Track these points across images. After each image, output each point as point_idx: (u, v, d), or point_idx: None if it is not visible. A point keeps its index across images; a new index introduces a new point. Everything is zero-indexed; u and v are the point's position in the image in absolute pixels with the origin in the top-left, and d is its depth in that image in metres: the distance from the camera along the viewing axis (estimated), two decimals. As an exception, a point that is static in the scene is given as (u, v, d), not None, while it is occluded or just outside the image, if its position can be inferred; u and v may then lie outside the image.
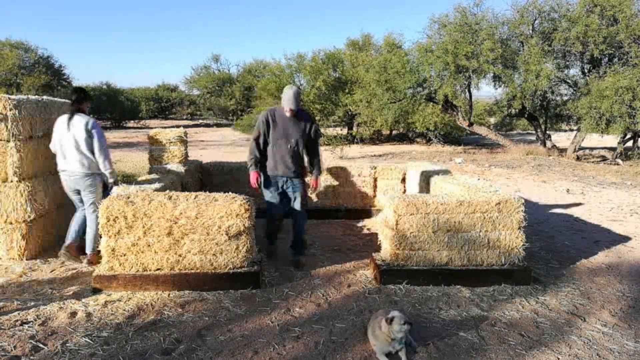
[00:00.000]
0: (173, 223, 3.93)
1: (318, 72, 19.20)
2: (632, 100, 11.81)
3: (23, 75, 23.78)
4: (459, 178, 5.35)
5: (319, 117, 20.56)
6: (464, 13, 14.59)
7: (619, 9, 12.64)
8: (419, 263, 4.19)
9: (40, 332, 3.28)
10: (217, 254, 4.01)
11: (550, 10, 14.12)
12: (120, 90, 31.81)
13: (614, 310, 3.82)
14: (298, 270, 4.54)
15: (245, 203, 3.97)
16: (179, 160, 5.84)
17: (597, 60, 13.97)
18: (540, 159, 13.88)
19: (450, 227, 4.14)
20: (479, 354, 3.12)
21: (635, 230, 6.26)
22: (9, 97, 4.49)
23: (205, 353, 3.07)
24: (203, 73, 32.97)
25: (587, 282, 4.40)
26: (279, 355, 3.06)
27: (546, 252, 5.27)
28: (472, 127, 16.03)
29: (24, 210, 4.61)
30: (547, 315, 3.68)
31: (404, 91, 15.12)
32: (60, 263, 4.63)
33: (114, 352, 3.06)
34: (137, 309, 3.65)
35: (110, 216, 3.89)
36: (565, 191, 9.12)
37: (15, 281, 4.17)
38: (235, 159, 8.69)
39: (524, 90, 13.60)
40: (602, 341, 3.32)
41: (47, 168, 5.08)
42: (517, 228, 4.21)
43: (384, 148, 18.42)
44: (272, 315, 3.60)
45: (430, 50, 14.49)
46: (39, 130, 4.87)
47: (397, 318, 2.97)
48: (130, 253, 3.96)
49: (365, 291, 4.07)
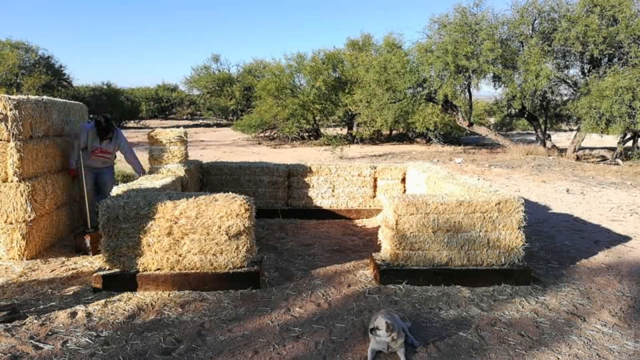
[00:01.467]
0: (173, 223, 3.93)
1: (318, 72, 19.20)
2: (632, 100, 11.81)
3: (23, 75, 23.77)
4: (459, 178, 5.35)
5: (319, 117, 20.58)
6: (464, 13, 14.59)
7: (619, 9, 12.64)
8: (419, 263, 4.19)
9: (40, 332, 3.28)
10: (217, 254, 4.01)
11: (550, 10, 14.12)
12: (121, 90, 31.82)
13: (614, 310, 3.82)
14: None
15: (245, 203, 3.97)
16: (179, 160, 5.84)
17: (597, 60, 13.97)
18: (540, 159, 13.88)
19: (450, 227, 4.14)
20: (479, 354, 3.12)
21: (635, 230, 6.26)
22: (9, 97, 4.49)
23: (205, 353, 3.07)
24: (203, 73, 32.94)
25: (587, 282, 4.40)
26: (279, 355, 3.06)
27: (546, 252, 5.27)
28: (472, 127, 16.03)
29: (24, 210, 4.61)
30: (547, 315, 3.68)
31: (404, 91, 15.12)
32: (61, 263, 4.63)
33: (114, 352, 3.06)
34: (137, 309, 3.65)
35: (110, 216, 3.89)
36: (565, 191, 9.12)
37: (15, 281, 4.17)
38: (235, 159, 8.70)
39: (523, 90, 13.61)
40: (602, 341, 3.32)
41: (47, 168, 5.09)
42: (517, 228, 4.21)
43: (384, 148, 18.42)
44: (272, 315, 3.61)
45: (430, 50, 14.50)
46: (39, 130, 4.87)
47: (380, 325, 2.99)
48: (131, 253, 3.96)
49: (365, 291, 4.07)
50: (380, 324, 3.01)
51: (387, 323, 2.99)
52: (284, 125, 19.68)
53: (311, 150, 16.79)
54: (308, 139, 20.61)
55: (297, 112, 19.08)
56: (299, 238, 5.66)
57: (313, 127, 21.27)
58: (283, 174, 6.64)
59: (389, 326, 2.98)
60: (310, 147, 18.26)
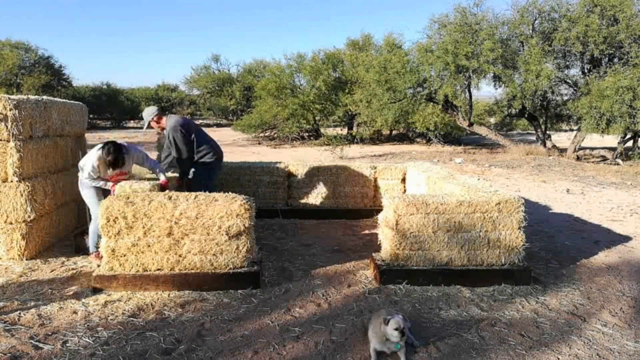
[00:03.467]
0: (173, 223, 3.93)
1: (318, 72, 19.20)
2: (632, 100, 11.80)
3: (23, 75, 23.78)
4: (459, 178, 5.35)
5: (319, 117, 20.58)
6: (464, 13, 14.58)
7: (619, 9, 12.63)
8: (419, 263, 4.19)
9: (40, 332, 3.28)
10: (217, 254, 4.01)
11: (551, 10, 14.11)
12: (121, 90, 31.84)
13: (614, 310, 3.82)
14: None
15: (245, 203, 3.97)
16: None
17: (597, 60, 13.97)
18: (540, 159, 13.87)
19: (450, 227, 4.14)
20: (479, 354, 3.12)
21: (635, 230, 6.26)
22: (9, 97, 4.49)
23: (205, 353, 3.07)
24: (203, 73, 32.92)
25: (587, 282, 4.40)
26: (279, 355, 3.06)
27: (546, 252, 5.27)
28: (472, 127, 16.02)
29: (24, 210, 4.61)
30: (547, 315, 3.68)
31: (404, 91, 15.12)
32: (61, 263, 4.63)
33: (114, 352, 3.06)
34: (137, 309, 3.65)
35: (110, 217, 3.89)
36: (565, 191, 9.12)
37: (15, 281, 4.17)
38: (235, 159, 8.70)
39: (524, 90, 13.60)
40: (602, 341, 3.32)
41: (47, 168, 5.09)
42: (517, 228, 4.21)
43: (384, 148, 18.42)
44: (272, 315, 3.60)
45: (430, 50, 14.49)
46: (39, 130, 4.87)
47: (393, 321, 2.96)
48: (131, 253, 3.96)
49: (365, 291, 4.07)
50: (394, 318, 2.97)
51: (399, 321, 2.97)
52: (284, 125, 19.68)
53: (311, 150, 16.79)
54: (308, 139, 20.61)
55: (297, 112, 19.08)
56: (299, 238, 5.66)
57: (313, 127, 21.27)
58: (283, 174, 6.64)
59: (398, 324, 2.96)
60: (310, 147, 18.25)
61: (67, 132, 5.56)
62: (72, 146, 5.71)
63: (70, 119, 5.59)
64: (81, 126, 5.99)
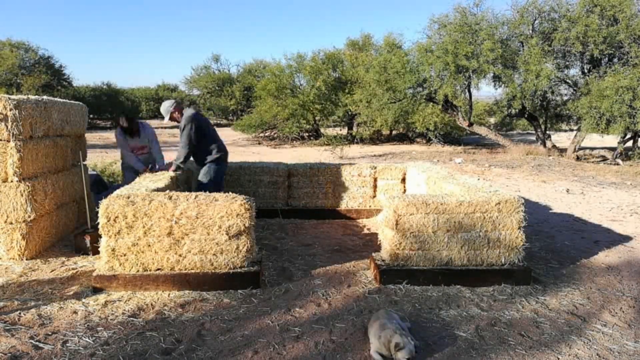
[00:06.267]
0: (173, 223, 3.93)
1: (318, 72, 19.21)
2: (632, 100, 11.80)
3: (23, 75, 23.79)
4: (459, 178, 5.35)
5: (319, 117, 20.58)
6: (464, 13, 14.59)
7: (619, 9, 12.64)
8: (419, 263, 4.19)
9: (40, 332, 3.28)
10: (218, 253, 4.01)
11: (550, 10, 14.12)
12: (121, 90, 31.83)
13: (614, 310, 3.82)
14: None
15: (245, 203, 3.97)
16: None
17: (597, 60, 13.97)
18: (540, 159, 13.87)
19: (450, 227, 4.14)
20: (479, 354, 3.12)
21: (635, 230, 6.26)
22: (9, 97, 4.49)
23: (205, 353, 3.07)
24: (203, 73, 32.94)
25: (587, 282, 4.40)
26: (279, 355, 3.06)
27: (546, 252, 5.27)
28: (472, 127, 16.03)
29: (24, 210, 4.61)
30: (547, 315, 3.68)
31: (404, 91, 15.12)
32: (61, 263, 4.63)
33: (114, 352, 3.06)
34: (137, 309, 3.65)
35: (110, 216, 3.89)
36: (565, 191, 9.12)
37: (15, 281, 4.17)
38: (235, 159, 8.70)
39: (524, 90, 13.60)
40: (602, 341, 3.32)
41: (47, 168, 5.09)
42: (517, 228, 4.21)
43: (384, 148, 18.42)
44: (272, 315, 3.60)
45: (430, 50, 14.49)
46: (39, 130, 4.86)
47: (405, 351, 2.88)
48: (131, 253, 3.96)
49: (365, 291, 4.07)
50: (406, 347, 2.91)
51: (411, 351, 2.90)
52: (284, 125, 19.68)
53: (311, 150, 16.79)
54: (308, 139, 20.61)
55: (297, 112, 19.08)
56: (299, 238, 5.66)
57: (313, 127, 21.28)
58: (283, 174, 6.64)
59: (409, 355, 2.90)
60: (310, 147, 18.26)
61: (67, 132, 5.56)
62: (72, 146, 5.71)
63: (70, 119, 5.59)
64: (81, 126, 5.98)
